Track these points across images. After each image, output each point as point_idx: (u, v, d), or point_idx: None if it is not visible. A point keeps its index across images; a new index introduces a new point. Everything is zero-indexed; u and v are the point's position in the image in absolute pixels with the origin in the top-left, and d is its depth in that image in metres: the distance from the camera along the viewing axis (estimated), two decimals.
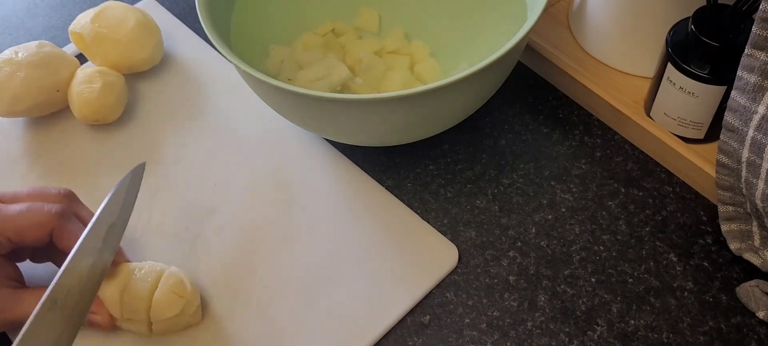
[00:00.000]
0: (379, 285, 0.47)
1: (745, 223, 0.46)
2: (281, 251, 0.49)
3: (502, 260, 0.49)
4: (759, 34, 0.40)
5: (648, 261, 0.48)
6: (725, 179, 0.46)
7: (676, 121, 0.51)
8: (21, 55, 0.54)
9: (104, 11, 0.58)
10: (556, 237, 0.49)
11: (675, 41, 0.49)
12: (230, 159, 0.55)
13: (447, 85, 0.41)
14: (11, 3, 0.71)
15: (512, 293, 0.47)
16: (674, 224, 0.50)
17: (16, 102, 0.54)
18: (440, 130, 0.50)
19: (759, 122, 0.42)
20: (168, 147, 0.56)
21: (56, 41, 0.64)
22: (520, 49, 0.47)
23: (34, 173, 0.55)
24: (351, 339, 0.45)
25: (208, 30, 0.46)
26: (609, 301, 0.46)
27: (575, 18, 0.60)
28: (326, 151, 0.54)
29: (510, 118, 0.56)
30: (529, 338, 0.45)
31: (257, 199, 0.52)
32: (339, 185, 0.52)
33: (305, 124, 0.49)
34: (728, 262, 0.47)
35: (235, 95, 0.59)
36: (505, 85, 0.51)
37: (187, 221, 0.51)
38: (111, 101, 0.55)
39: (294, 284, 0.47)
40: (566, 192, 0.52)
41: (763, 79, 0.41)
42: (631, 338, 0.45)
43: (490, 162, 0.54)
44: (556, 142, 0.55)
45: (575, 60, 0.58)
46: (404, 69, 0.54)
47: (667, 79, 0.50)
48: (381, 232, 0.50)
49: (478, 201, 0.52)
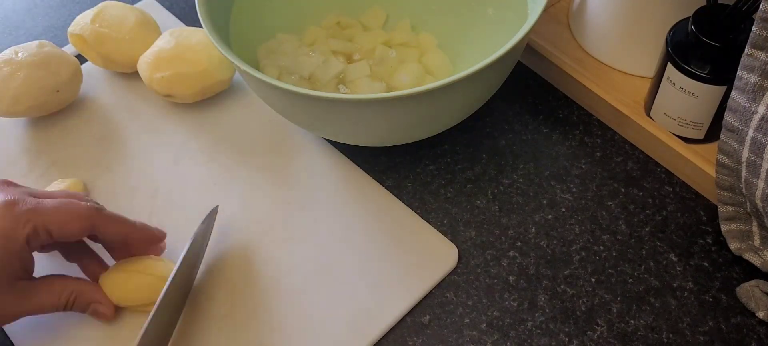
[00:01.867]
0: (379, 285, 0.47)
1: (745, 223, 0.46)
2: (281, 251, 0.49)
3: (502, 260, 0.49)
4: (759, 34, 0.40)
5: (648, 261, 0.48)
6: (725, 179, 0.46)
7: (676, 121, 0.51)
8: (21, 55, 0.54)
9: (103, 11, 0.58)
10: (556, 237, 0.49)
11: (675, 41, 0.49)
12: (230, 159, 0.55)
13: (447, 84, 0.41)
14: (11, 3, 0.71)
15: (512, 293, 0.47)
16: (674, 224, 0.50)
17: (16, 102, 0.54)
18: (440, 130, 0.50)
19: (759, 122, 0.42)
20: (168, 147, 0.56)
21: (56, 41, 0.64)
22: (520, 49, 0.47)
23: (34, 173, 0.55)
24: (351, 339, 0.45)
25: (208, 30, 0.46)
26: (609, 301, 0.46)
27: (575, 18, 0.60)
28: (326, 151, 0.54)
29: (510, 118, 0.56)
30: (529, 338, 0.45)
31: (257, 199, 0.52)
32: (339, 185, 0.52)
33: (305, 124, 0.49)
34: (728, 262, 0.47)
35: (235, 95, 0.59)
36: (505, 85, 0.51)
37: (187, 220, 0.51)
38: None
39: (294, 284, 0.47)
40: (566, 192, 0.52)
41: (763, 79, 0.41)
42: (631, 338, 0.45)
43: (490, 162, 0.54)
44: (556, 142, 0.55)
45: (575, 60, 0.58)
46: (415, 62, 0.54)
47: (667, 79, 0.50)
48: (381, 232, 0.50)
49: (478, 201, 0.52)
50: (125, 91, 0.60)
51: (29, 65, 0.54)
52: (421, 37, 0.56)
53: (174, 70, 0.54)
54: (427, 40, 0.56)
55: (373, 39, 0.56)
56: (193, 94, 0.55)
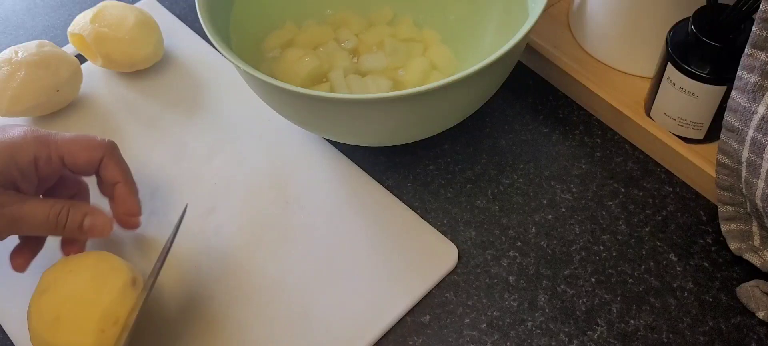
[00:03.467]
0: (379, 285, 0.47)
1: (745, 223, 0.46)
2: (281, 251, 0.49)
3: (502, 260, 0.49)
4: (759, 34, 0.40)
5: (648, 261, 0.48)
6: (725, 179, 0.46)
7: (676, 121, 0.51)
8: (21, 54, 0.54)
9: (103, 11, 0.58)
10: (556, 237, 0.49)
11: (675, 41, 0.49)
12: (230, 158, 0.55)
13: (447, 84, 0.41)
14: (11, 3, 0.71)
15: (512, 293, 0.47)
16: (674, 224, 0.50)
17: (16, 102, 0.54)
18: (440, 130, 0.50)
19: (759, 122, 0.42)
20: (168, 146, 0.56)
21: (56, 41, 0.64)
22: (520, 49, 0.47)
23: None
24: (351, 339, 0.45)
25: (208, 30, 0.46)
26: (609, 301, 0.46)
27: (575, 18, 0.60)
28: (326, 151, 0.54)
29: (510, 118, 0.56)
30: (529, 338, 0.45)
31: (257, 198, 0.52)
32: (339, 185, 0.52)
33: (305, 124, 0.49)
34: (728, 262, 0.47)
35: (235, 95, 0.59)
36: (505, 85, 0.51)
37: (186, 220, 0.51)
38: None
39: (294, 284, 0.47)
40: (566, 192, 0.52)
41: (763, 79, 0.41)
42: (631, 338, 0.45)
43: (490, 162, 0.54)
44: (556, 142, 0.55)
45: (575, 60, 0.58)
46: (422, 56, 0.54)
47: (667, 79, 0.50)
48: (381, 232, 0.50)
49: (478, 201, 0.52)
50: (125, 91, 0.60)
51: (29, 65, 0.54)
52: (425, 33, 0.56)
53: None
54: (430, 35, 0.56)
55: (379, 34, 0.56)
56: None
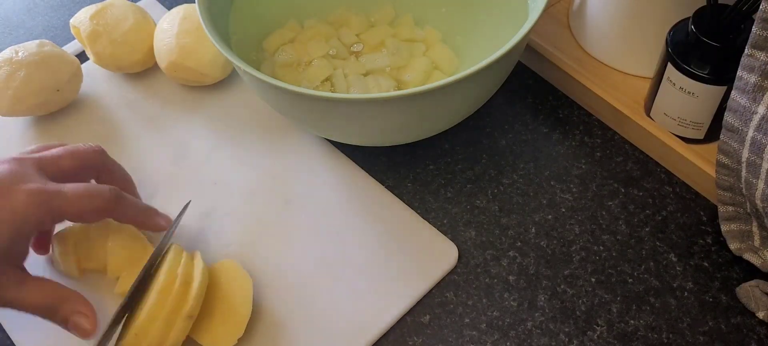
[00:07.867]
0: (379, 284, 0.47)
1: (745, 223, 0.46)
2: (281, 251, 0.49)
3: (502, 259, 0.49)
4: (759, 34, 0.40)
5: (648, 261, 0.48)
6: (725, 179, 0.46)
7: (676, 121, 0.51)
8: (21, 54, 0.54)
9: (105, 9, 0.58)
10: (556, 237, 0.49)
11: (675, 41, 0.49)
12: (230, 158, 0.55)
13: (447, 84, 0.41)
14: (11, 3, 0.71)
15: (512, 293, 0.47)
16: (674, 224, 0.50)
17: (16, 102, 0.54)
18: (441, 129, 0.50)
19: (759, 122, 0.42)
20: (168, 146, 0.56)
21: (56, 41, 0.64)
22: (520, 49, 0.47)
23: None
24: (351, 338, 0.45)
25: (208, 30, 0.46)
26: (609, 301, 0.46)
27: (575, 18, 0.60)
28: (326, 151, 0.54)
29: (510, 118, 0.56)
30: (529, 338, 0.45)
31: (257, 198, 0.52)
32: (339, 185, 0.52)
33: (305, 123, 0.49)
34: (728, 262, 0.47)
35: (235, 94, 0.59)
36: (505, 85, 0.52)
37: (186, 220, 0.51)
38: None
39: (294, 284, 0.47)
40: (566, 192, 0.52)
41: (763, 79, 0.41)
42: (631, 338, 0.45)
43: (490, 162, 0.54)
44: (556, 142, 0.55)
45: (575, 60, 0.58)
46: (423, 56, 0.54)
47: (667, 79, 0.50)
48: (381, 231, 0.50)
49: (478, 201, 0.52)
50: (125, 90, 0.60)
51: (29, 64, 0.54)
52: (426, 32, 0.56)
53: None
54: (431, 34, 0.56)
55: (380, 33, 0.56)
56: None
